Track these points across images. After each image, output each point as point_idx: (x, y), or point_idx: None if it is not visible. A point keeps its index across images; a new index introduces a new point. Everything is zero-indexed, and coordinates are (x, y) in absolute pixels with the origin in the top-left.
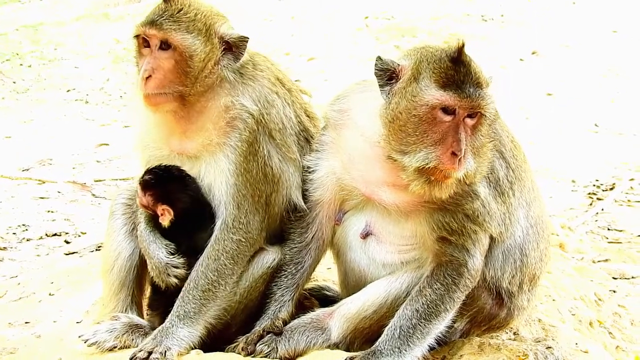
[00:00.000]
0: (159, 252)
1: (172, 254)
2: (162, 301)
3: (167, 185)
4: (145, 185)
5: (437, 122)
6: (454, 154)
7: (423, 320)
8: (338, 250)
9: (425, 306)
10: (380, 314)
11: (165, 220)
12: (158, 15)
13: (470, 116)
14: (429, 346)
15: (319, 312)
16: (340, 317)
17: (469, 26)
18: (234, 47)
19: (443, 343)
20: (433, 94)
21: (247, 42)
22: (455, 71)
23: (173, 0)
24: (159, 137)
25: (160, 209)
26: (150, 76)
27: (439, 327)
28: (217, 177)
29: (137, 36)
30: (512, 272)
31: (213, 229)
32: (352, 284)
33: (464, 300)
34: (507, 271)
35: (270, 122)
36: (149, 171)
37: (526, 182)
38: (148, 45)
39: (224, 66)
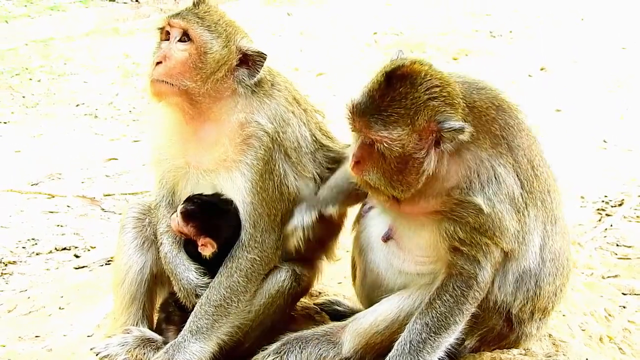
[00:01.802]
0: (188, 274)
1: (200, 274)
2: (185, 317)
3: (212, 218)
4: (188, 215)
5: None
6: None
7: (433, 334)
8: (360, 249)
9: (435, 319)
10: (392, 330)
11: (207, 251)
12: (185, 11)
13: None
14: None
15: (332, 325)
16: (352, 332)
17: (477, 42)
18: (250, 61)
19: (454, 357)
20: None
21: (264, 59)
22: (372, 85)
23: (202, 3)
24: (173, 145)
25: (202, 240)
26: (160, 62)
27: (449, 340)
28: (233, 195)
29: (160, 29)
30: (523, 301)
31: None
32: (369, 283)
33: (474, 317)
34: (519, 299)
35: (286, 141)
36: (190, 200)
37: (549, 212)
38: (168, 39)
39: (238, 79)
